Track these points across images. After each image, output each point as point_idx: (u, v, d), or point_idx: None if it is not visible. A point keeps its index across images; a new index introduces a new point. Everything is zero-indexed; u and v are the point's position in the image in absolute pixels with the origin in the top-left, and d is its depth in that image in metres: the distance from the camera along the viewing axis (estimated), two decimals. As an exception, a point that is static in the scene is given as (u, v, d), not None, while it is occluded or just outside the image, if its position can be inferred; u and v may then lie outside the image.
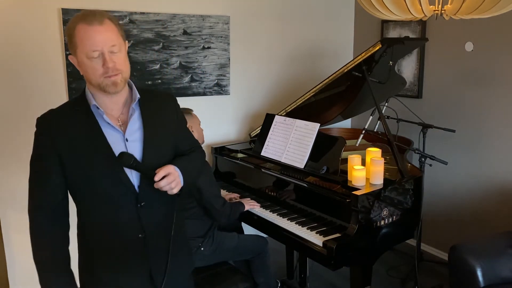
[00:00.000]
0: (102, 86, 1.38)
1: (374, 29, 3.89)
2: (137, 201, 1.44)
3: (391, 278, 3.22)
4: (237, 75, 3.57)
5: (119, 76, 1.38)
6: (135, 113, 1.47)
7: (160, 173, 1.39)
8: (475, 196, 3.28)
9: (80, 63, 1.38)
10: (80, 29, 1.33)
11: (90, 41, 1.33)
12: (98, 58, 1.34)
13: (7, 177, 2.83)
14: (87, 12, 1.37)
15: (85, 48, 1.33)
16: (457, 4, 2.07)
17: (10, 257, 2.90)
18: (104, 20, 1.35)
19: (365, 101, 2.93)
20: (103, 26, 1.34)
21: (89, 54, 1.34)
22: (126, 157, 1.37)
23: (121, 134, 1.44)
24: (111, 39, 1.35)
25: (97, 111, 1.42)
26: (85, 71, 1.38)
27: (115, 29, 1.38)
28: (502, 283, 2.27)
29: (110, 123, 1.43)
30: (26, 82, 2.80)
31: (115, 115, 1.46)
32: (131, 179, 1.43)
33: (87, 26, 1.33)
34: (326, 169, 2.41)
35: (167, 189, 1.40)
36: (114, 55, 1.36)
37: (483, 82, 3.16)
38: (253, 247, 2.65)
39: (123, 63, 1.40)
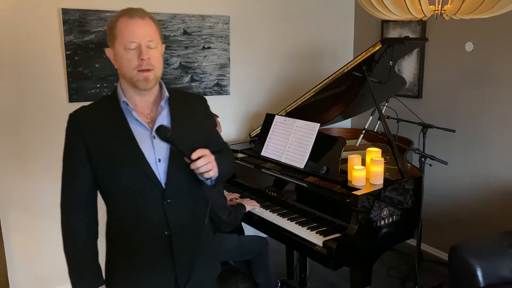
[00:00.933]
0: (134, 81, 1.40)
1: (374, 29, 3.89)
2: (164, 198, 1.45)
3: (391, 278, 3.22)
4: (237, 75, 3.57)
5: (152, 72, 1.40)
6: (164, 111, 1.48)
7: (197, 152, 1.36)
8: (475, 196, 3.28)
9: (116, 55, 1.41)
10: (121, 21, 1.39)
11: (130, 33, 1.37)
12: (134, 50, 1.37)
13: (7, 177, 2.83)
14: (131, 8, 1.42)
15: (123, 39, 1.37)
16: (457, 4, 2.07)
17: (10, 257, 2.90)
18: (146, 17, 1.41)
19: (365, 101, 2.93)
20: (144, 21, 1.39)
21: (127, 45, 1.37)
22: (163, 130, 1.36)
23: (149, 131, 1.45)
24: (149, 34, 1.39)
25: (126, 108, 1.44)
26: (120, 63, 1.41)
27: (154, 27, 1.42)
28: (502, 283, 2.27)
29: (139, 120, 1.45)
30: (26, 82, 2.80)
31: (145, 112, 1.48)
32: (158, 175, 1.44)
33: (129, 18, 1.38)
34: (326, 169, 2.41)
35: (204, 169, 1.36)
36: (151, 50, 1.39)
37: (483, 82, 3.16)
38: (253, 247, 2.65)
39: (158, 60, 1.42)
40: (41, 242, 2.99)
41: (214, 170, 1.39)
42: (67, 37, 2.84)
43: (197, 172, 1.37)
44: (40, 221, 2.97)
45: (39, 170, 2.92)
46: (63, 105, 2.92)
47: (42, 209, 2.96)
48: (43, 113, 2.88)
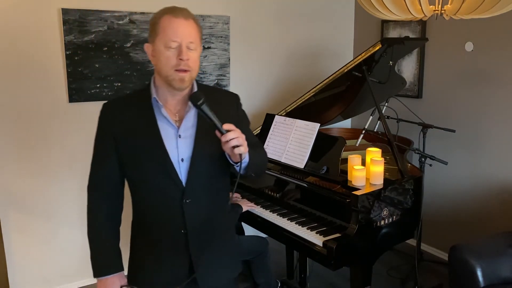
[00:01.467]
0: (169, 80, 1.41)
1: (374, 29, 3.89)
2: (183, 197, 1.46)
3: (391, 278, 3.22)
4: (237, 75, 3.57)
5: (188, 74, 1.40)
6: (192, 110, 1.48)
7: (228, 124, 1.35)
8: (475, 196, 3.28)
9: (156, 52, 1.41)
10: (165, 19, 1.39)
11: (172, 31, 1.38)
12: (175, 49, 1.38)
13: (7, 177, 2.83)
14: (176, 7, 1.43)
15: (165, 37, 1.38)
16: (457, 4, 2.07)
17: (10, 257, 2.90)
18: (190, 18, 1.42)
19: (365, 101, 2.93)
20: (187, 21, 1.40)
21: (168, 44, 1.38)
22: (197, 96, 1.36)
23: (175, 129, 1.47)
24: (191, 35, 1.40)
25: (156, 104, 1.46)
26: (158, 60, 1.41)
27: (197, 29, 1.43)
28: (502, 283, 2.27)
29: (167, 117, 1.46)
30: (26, 82, 2.80)
31: (174, 110, 1.49)
32: (179, 174, 1.46)
33: (173, 17, 1.39)
34: (326, 169, 2.41)
35: (235, 142, 1.33)
36: (190, 52, 1.40)
37: (483, 82, 3.16)
38: (253, 247, 2.66)
39: (195, 62, 1.43)
40: (41, 242, 2.99)
41: (245, 147, 1.36)
42: (67, 37, 2.84)
43: (228, 147, 1.34)
44: (40, 221, 2.97)
45: (39, 170, 2.92)
46: (63, 105, 2.92)
47: (42, 209, 2.96)
48: (43, 113, 2.88)
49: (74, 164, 3.00)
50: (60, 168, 2.97)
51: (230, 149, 1.35)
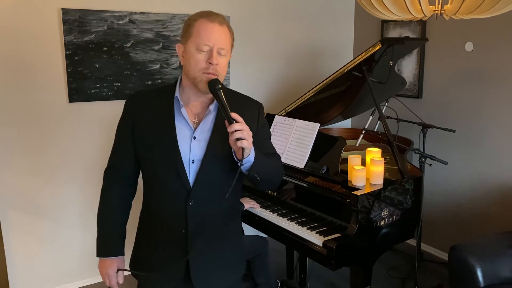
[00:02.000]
0: (196, 81, 1.43)
1: (374, 29, 3.89)
2: (188, 198, 1.47)
3: (391, 278, 3.22)
4: (237, 75, 3.57)
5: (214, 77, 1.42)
6: (211, 115, 1.50)
7: (237, 115, 1.35)
8: (475, 196, 3.28)
9: (186, 53, 1.45)
10: (201, 22, 1.43)
11: (206, 35, 1.41)
12: (205, 53, 1.41)
13: (7, 177, 2.83)
14: (212, 12, 1.46)
15: (198, 39, 1.41)
16: (457, 4, 2.07)
17: (10, 257, 2.90)
18: (224, 24, 1.45)
19: (365, 101, 2.93)
20: (222, 27, 1.44)
21: (200, 47, 1.41)
22: (213, 82, 1.38)
23: (191, 131, 1.49)
24: (224, 41, 1.43)
25: (177, 103, 1.49)
26: (188, 61, 1.44)
27: (229, 36, 1.47)
28: (502, 283, 2.27)
29: (185, 118, 1.48)
30: (26, 82, 2.80)
31: (194, 111, 1.51)
32: (188, 175, 1.47)
33: (209, 22, 1.42)
34: (326, 169, 2.41)
35: (239, 135, 1.32)
36: (220, 57, 1.43)
37: (483, 82, 3.16)
38: (253, 247, 2.65)
39: (223, 68, 1.46)
40: (41, 242, 2.99)
41: (249, 142, 1.35)
42: (67, 37, 2.84)
43: (232, 138, 1.33)
44: (40, 221, 2.97)
45: (39, 170, 2.92)
46: (63, 105, 2.92)
47: (42, 209, 2.96)
48: (43, 113, 2.88)
49: (74, 164, 3.00)
50: (60, 168, 2.97)
51: (234, 142, 1.34)
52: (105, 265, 1.60)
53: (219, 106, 1.39)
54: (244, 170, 1.43)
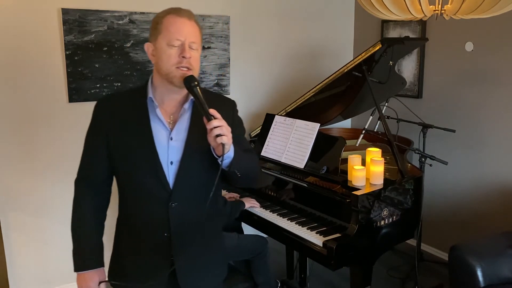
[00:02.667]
0: (170, 76, 1.40)
1: (374, 29, 3.89)
2: (169, 200, 1.45)
3: (391, 278, 3.22)
4: (237, 75, 3.57)
5: (189, 72, 1.41)
6: (186, 114, 1.48)
7: (215, 111, 1.34)
8: (475, 196, 3.28)
9: (157, 50, 1.42)
10: (169, 18, 1.42)
11: (177, 30, 1.40)
12: (177, 48, 1.39)
13: (7, 177, 2.83)
14: (180, 8, 1.45)
15: (168, 35, 1.39)
16: (457, 4, 2.07)
17: (10, 257, 2.90)
18: (193, 19, 1.45)
19: (365, 101, 2.93)
20: (191, 22, 1.43)
21: (171, 42, 1.39)
22: (189, 78, 1.37)
23: (167, 131, 1.46)
24: (194, 35, 1.43)
25: (151, 104, 1.46)
26: (160, 58, 1.41)
27: (199, 30, 1.46)
28: (502, 283, 2.27)
29: (161, 119, 1.46)
30: (26, 82, 2.80)
31: (169, 111, 1.48)
32: (168, 177, 1.45)
33: (178, 17, 1.42)
34: (326, 169, 2.41)
35: (218, 131, 1.31)
36: (192, 51, 1.42)
37: (483, 82, 3.16)
38: (253, 247, 2.65)
39: (197, 62, 1.44)
40: (41, 242, 2.99)
41: (229, 138, 1.34)
42: (67, 37, 2.84)
43: (212, 136, 1.32)
44: (40, 221, 2.97)
45: (39, 169, 2.92)
46: (63, 105, 2.92)
47: (42, 209, 2.96)
48: (43, 113, 2.88)
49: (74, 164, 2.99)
50: (60, 168, 2.97)
51: (213, 139, 1.32)
52: (85, 279, 1.53)
53: (196, 103, 1.37)
54: (224, 166, 1.40)
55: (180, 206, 1.46)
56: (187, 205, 1.48)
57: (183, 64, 1.39)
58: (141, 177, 1.45)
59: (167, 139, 1.45)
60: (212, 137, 1.32)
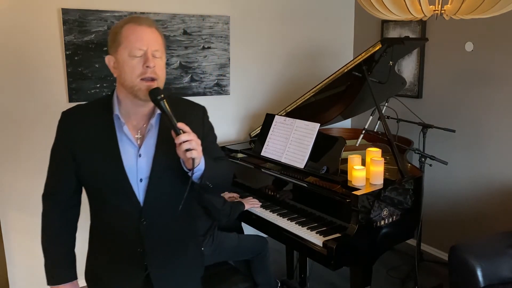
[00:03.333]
0: (135, 90, 1.33)
1: (374, 29, 3.89)
2: (140, 217, 1.42)
3: (391, 278, 3.22)
4: (237, 75, 3.57)
5: (155, 82, 1.34)
6: (153, 129, 1.43)
7: (183, 125, 1.29)
8: (475, 196, 3.28)
9: (119, 62, 1.35)
10: (128, 28, 1.34)
11: (137, 38, 1.33)
12: (140, 58, 1.33)
13: (7, 177, 2.83)
14: (138, 16, 1.41)
15: (129, 45, 1.32)
16: (457, 4, 2.07)
17: (10, 257, 2.90)
18: (153, 26, 1.38)
19: (365, 101, 2.93)
20: (151, 29, 1.36)
21: (133, 52, 1.32)
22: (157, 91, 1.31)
23: (136, 148, 1.41)
24: (157, 43, 1.36)
25: (118, 122, 1.40)
26: (122, 70, 1.35)
27: (161, 38, 1.40)
28: (502, 283, 2.27)
29: (128, 136, 1.40)
30: (26, 82, 2.80)
31: (137, 125, 1.43)
32: (138, 195, 1.41)
33: (136, 25, 1.34)
34: (326, 169, 2.41)
35: (187, 146, 1.27)
36: (156, 59, 1.35)
37: (483, 82, 3.16)
38: (253, 247, 2.66)
39: (162, 70, 1.38)
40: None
41: (199, 152, 1.29)
42: (67, 37, 2.84)
43: (181, 150, 1.28)
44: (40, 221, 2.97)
45: (39, 169, 2.92)
46: (63, 105, 2.92)
47: (42, 209, 2.96)
48: (43, 113, 2.88)
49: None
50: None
51: (183, 153, 1.28)
52: None
53: (164, 117, 1.32)
54: (195, 178, 1.37)
55: (151, 223, 1.43)
56: (159, 221, 1.45)
57: (148, 75, 1.32)
58: (110, 195, 1.41)
59: (136, 156, 1.40)
60: (181, 151, 1.28)
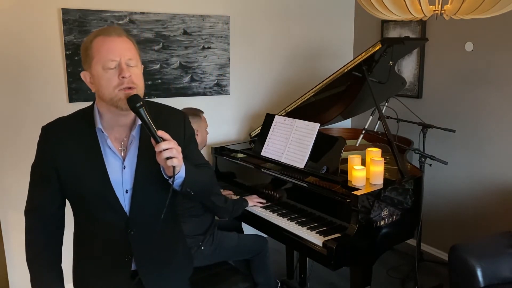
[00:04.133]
0: (114, 101, 1.32)
1: (374, 29, 3.89)
2: (127, 228, 1.43)
3: (391, 278, 3.22)
4: (237, 75, 3.57)
5: (134, 91, 1.33)
6: (135, 140, 1.43)
7: (163, 133, 1.28)
8: (475, 196, 3.28)
9: (94, 76, 1.34)
10: (98, 41, 1.33)
11: (108, 50, 1.31)
12: (114, 69, 1.31)
13: (7, 178, 2.83)
14: (106, 27, 1.39)
15: (102, 58, 1.31)
16: (457, 4, 2.07)
17: (10, 257, 2.90)
18: (123, 35, 1.36)
19: (365, 101, 2.93)
20: (121, 38, 1.34)
21: (106, 65, 1.31)
22: (135, 98, 1.29)
23: (120, 161, 1.42)
24: (129, 51, 1.34)
25: (101, 135, 1.40)
26: (99, 84, 1.34)
27: (132, 45, 1.38)
28: (502, 283, 2.27)
29: (112, 149, 1.41)
30: (26, 82, 2.80)
31: (120, 137, 1.43)
32: (124, 206, 1.42)
33: (106, 37, 1.33)
34: (326, 169, 2.41)
35: (167, 154, 1.26)
36: (131, 68, 1.33)
37: (483, 82, 3.16)
38: (253, 246, 2.65)
39: (139, 78, 1.36)
40: (41, 242, 2.99)
41: (179, 159, 1.28)
42: (67, 37, 2.84)
43: (161, 158, 1.27)
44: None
45: (39, 170, 2.92)
46: (63, 105, 2.92)
47: (42, 209, 2.96)
48: (43, 113, 2.87)
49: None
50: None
51: (163, 161, 1.27)
52: None
53: (143, 125, 1.29)
54: (176, 186, 1.36)
55: (139, 232, 1.44)
56: (146, 230, 1.45)
57: (125, 85, 1.31)
58: (96, 208, 1.41)
59: (121, 168, 1.41)
60: (161, 159, 1.27)
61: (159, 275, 1.52)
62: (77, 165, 1.39)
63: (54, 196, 1.45)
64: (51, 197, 1.45)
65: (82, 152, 1.39)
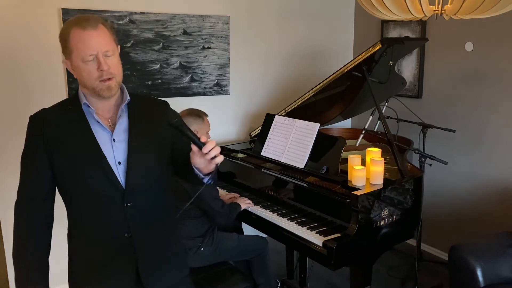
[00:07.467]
0: (96, 90, 1.41)
1: (374, 29, 3.89)
2: (124, 200, 1.45)
3: (391, 278, 3.22)
4: (237, 75, 3.57)
5: (113, 80, 1.42)
6: (124, 115, 1.50)
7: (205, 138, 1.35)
8: (475, 196, 3.28)
9: (75, 67, 1.42)
10: (74, 34, 1.38)
11: (86, 46, 1.37)
12: (93, 61, 1.38)
13: (7, 177, 2.83)
14: (81, 17, 1.41)
15: (80, 53, 1.38)
16: (457, 4, 2.07)
17: (10, 257, 2.89)
18: (98, 25, 1.40)
19: (365, 101, 2.93)
20: (97, 31, 1.39)
21: (85, 58, 1.38)
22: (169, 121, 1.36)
23: (109, 133, 1.47)
24: (105, 43, 1.40)
25: (88, 110, 1.45)
26: (80, 74, 1.42)
27: (108, 34, 1.42)
28: (502, 283, 2.27)
29: (100, 122, 1.46)
30: (26, 82, 2.80)
31: (106, 115, 1.49)
32: (118, 177, 1.45)
33: (82, 31, 1.37)
34: (326, 169, 2.41)
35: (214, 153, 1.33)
36: (108, 59, 1.40)
37: (483, 82, 3.16)
38: (253, 247, 2.65)
39: (117, 67, 1.44)
40: (41, 242, 2.99)
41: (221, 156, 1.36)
42: (67, 37, 2.84)
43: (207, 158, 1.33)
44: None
45: (39, 170, 2.92)
46: (63, 105, 2.92)
47: (42, 209, 2.96)
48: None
49: (74, 164, 3.00)
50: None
51: (207, 161, 1.34)
52: None
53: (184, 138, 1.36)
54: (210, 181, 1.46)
55: (135, 206, 1.46)
56: (143, 204, 1.49)
57: (104, 77, 1.39)
58: (92, 182, 1.43)
59: (110, 140, 1.46)
60: (206, 160, 1.34)
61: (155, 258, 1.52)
62: (68, 142, 1.43)
63: (45, 184, 1.48)
64: (42, 186, 1.48)
65: (71, 129, 1.44)
